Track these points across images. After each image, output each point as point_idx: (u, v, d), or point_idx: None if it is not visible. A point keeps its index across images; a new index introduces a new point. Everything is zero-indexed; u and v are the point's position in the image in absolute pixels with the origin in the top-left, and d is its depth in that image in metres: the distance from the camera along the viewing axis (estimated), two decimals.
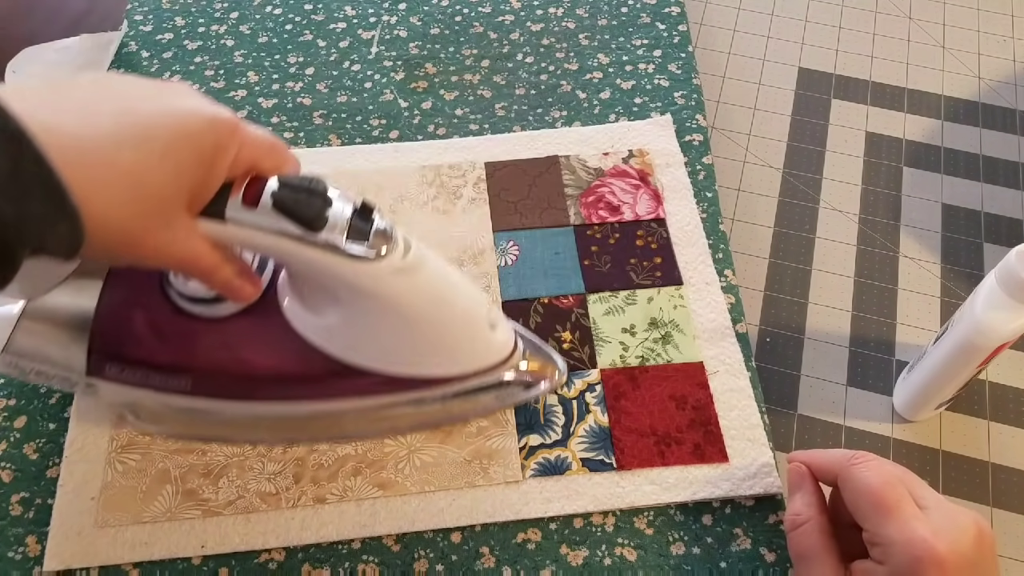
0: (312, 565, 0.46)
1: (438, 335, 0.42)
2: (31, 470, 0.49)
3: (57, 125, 0.30)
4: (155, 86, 0.36)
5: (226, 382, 0.44)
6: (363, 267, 0.38)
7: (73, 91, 0.33)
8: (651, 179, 0.60)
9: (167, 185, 0.34)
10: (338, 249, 0.38)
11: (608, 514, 0.47)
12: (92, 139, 0.31)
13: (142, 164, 0.32)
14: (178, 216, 0.35)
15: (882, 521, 0.37)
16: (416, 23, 0.71)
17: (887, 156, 0.66)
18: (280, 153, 0.39)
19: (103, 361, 0.43)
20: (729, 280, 0.56)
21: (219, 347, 0.43)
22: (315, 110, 0.65)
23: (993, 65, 0.72)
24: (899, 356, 0.56)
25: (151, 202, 0.33)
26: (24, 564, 0.45)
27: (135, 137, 0.32)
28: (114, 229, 0.33)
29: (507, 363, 0.46)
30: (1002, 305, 0.44)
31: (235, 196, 0.37)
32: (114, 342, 0.43)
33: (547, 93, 0.66)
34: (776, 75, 0.71)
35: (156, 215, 0.34)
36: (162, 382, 0.44)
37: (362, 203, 0.39)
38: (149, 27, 0.71)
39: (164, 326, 0.43)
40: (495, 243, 0.57)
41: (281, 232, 0.37)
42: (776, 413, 0.54)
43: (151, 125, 0.33)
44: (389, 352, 0.43)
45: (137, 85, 0.35)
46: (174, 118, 0.34)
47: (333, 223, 0.38)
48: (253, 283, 0.41)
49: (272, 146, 0.38)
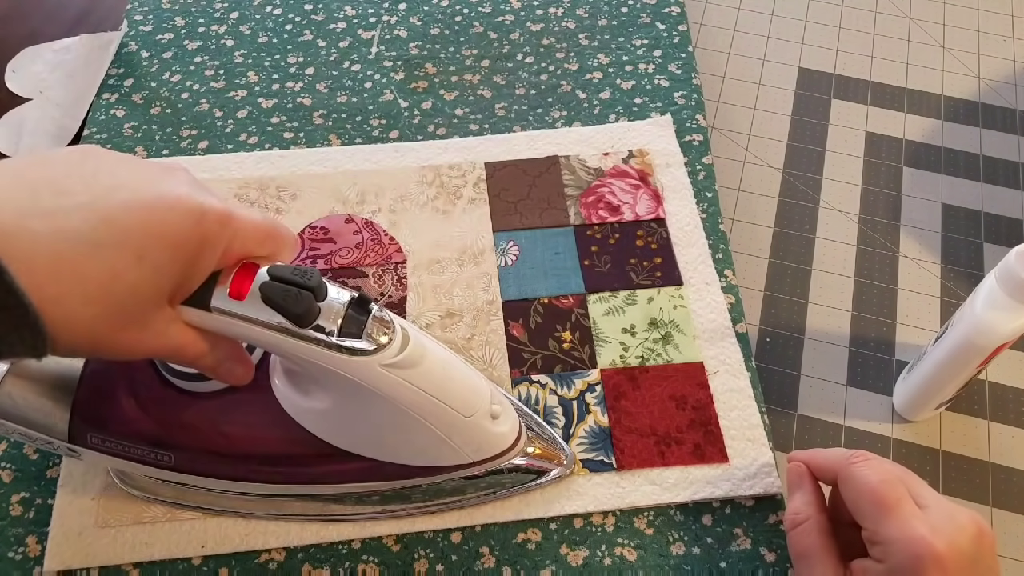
0: (312, 565, 0.46)
1: (433, 428, 0.41)
2: (31, 470, 0.49)
3: (22, 230, 0.29)
4: (139, 171, 0.33)
5: (210, 459, 0.43)
6: (357, 361, 0.37)
7: (46, 180, 0.31)
8: (651, 179, 0.60)
9: (142, 286, 0.32)
10: (330, 343, 0.36)
11: (608, 514, 0.47)
12: (59, 245, 0.29)
13: (115, 268, 0.31)
14: (155, 312, 0.33)
15: (882, 520, 0.37)
16: (416, 23, 0.71)
17: (887, 156, 0.66)
18: (277, 239, 0.37)
19: (86, 429, 0.41)
20: (729, 280, 0.56)
21: (204, 423, 0.42)
22: (315, 110, 0.65)
23: (993, 65, 0.72)
24: (899, 356, 0.56)
25: (122, 305, 0.32)
26: (24, 564, 0.45)
27: (108, 239, 0.30)
28: (81, 333, 0.31)
29: (507, 454, 0.44)
30: (1002, 305, 0.44)
31: (222, 286, 0.35)
32: (97, 411, 0.42)
33: (547, 93, 0.66)
34: (776, 75, 0.71)
35: (127, 317, 0.32)
36: (145, 454, 0.42)
37: (359, 295, 0.38)
38: (149, 27, 0.71)
39: (149, 398, 0.42)
40: (495, 243, 0.57)
41: (268, 325, 0.36)
42: (776, 413, 0.54)
43: (127, 225, 0.31)
44: (381, 441, 0.42)
45: (119, 170, 0.33)
46: (154, 214, 0.32)
47: (327, 315, 0.36)
48: (245, 366, 0.40)
49: (268, 233, 0.36)
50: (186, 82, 0.67)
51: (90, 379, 0.42)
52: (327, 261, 0.56)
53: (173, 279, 0.33)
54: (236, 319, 0.35)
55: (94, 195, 0.31)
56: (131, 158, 0.34)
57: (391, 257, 0.57)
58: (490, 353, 0.52)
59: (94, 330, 0.31)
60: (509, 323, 0.54)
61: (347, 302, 0.37)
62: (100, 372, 0.42)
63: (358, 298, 0.38)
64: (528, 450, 0.46)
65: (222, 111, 0.65)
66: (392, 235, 0.58)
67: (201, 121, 0.65)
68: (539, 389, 0.51)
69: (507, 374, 0.52)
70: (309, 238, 0.58)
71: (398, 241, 0.57)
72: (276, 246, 0.37)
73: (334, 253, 0.57)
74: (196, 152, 0.63)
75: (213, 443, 0.43)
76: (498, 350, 0.53)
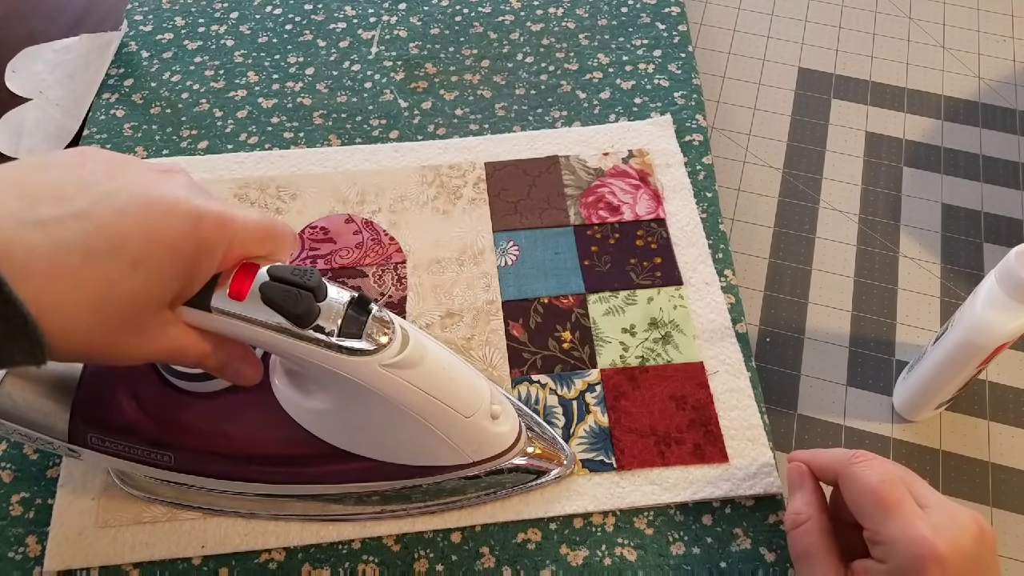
0: (312, 565, 0.46)
1: (433, 428, 0.41)
2: (31, 470, 0.49)
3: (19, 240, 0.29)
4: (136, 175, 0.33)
5: (210, 459, 0.43)
6: (356, 361, 0.37)
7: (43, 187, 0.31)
8: (651, 179, 0.60)
9: (138, 293, 0.32)
10: (330, 343, 0.36)
11: (608, 514, 0.47)
12: (56, 254, 0.29)
13: (111, 275, 0.31)
14: (154, 317, 0.33)
15: (883, 520, 0.37)
16: (416, 23, 0.71)
17: (887, 156, 0.66)
18: (276, 239, 0.37)
19: (85, 430, 0.41)
20: (729, 280, 0.56)
21: (204, 423, 0.42)
22: (315, 110, 0.65)
23: (993, 65, 0.72)
24: (899, 356, 0.56)
25: (119, 312, 0.32)
26: (24, 564, 0.45)
27: (103, 246, 0.30)
28: (79, 340, 0.31)
29: (507, 455, 0.44)
30: (1002, 305, 0.44)
31: (222, 287, 0.35)
32: (97, 411, 0.42)
33: (547, 93, 0.66)
34: (776, 75, 0.71)
35: (125, 324, 0.32)
36: (145, 454, 0.42)
37: (359, 295, 0.38)
38: (149, 27, 0.71)
39: (149, 398, 0.42)
40: (495, 243, 0.57)
41: (268, 325, 0.36)
42: (776, 413, 0.54)
43: (122, 231, 0.31)
44: (381, 442, 0.42)
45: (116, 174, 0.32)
46: (150, 220, 0.32)
47: (327, 315, 0.36)
48: (253, 367, 0.39)
49: (267, 233, 0.36)
50: (186, 82, 0.67)
51: (90, 379, 0.42)
52: (327, 261, 0.56)
53: (172, 285, 0.33)
54: (236, 319, 0.35)
55: (89, 202, 0.31)
56: (129, 160, 0.34)
57: (391, 257, 0.57)
58: (490, 353, 0.52)
59: (92, 338, 0.31)
60: (509, 323, 0.54)
61: (347, 302, 0.37)
62: (100, 372, 0.42)
63: (358, 298, 0.38)
64: (528, 450, 0.46)
65: (222, 111, 0.65)
66: (392, 235, 0.58)
67: (201, 121, 0.65)
68: (539, 389, 0.51)
69: (507, 374, 0.52)
70: (309, 238, 0.58)
71: (398, 241, 0.57)
72: (275, 245, 0.37)
73: (334, 253, 0.57)
74: (196, 152, 0.63)
75: (213, 443, 0.43)
76: (498, 350, 0.53)
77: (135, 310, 0.32)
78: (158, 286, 0.33)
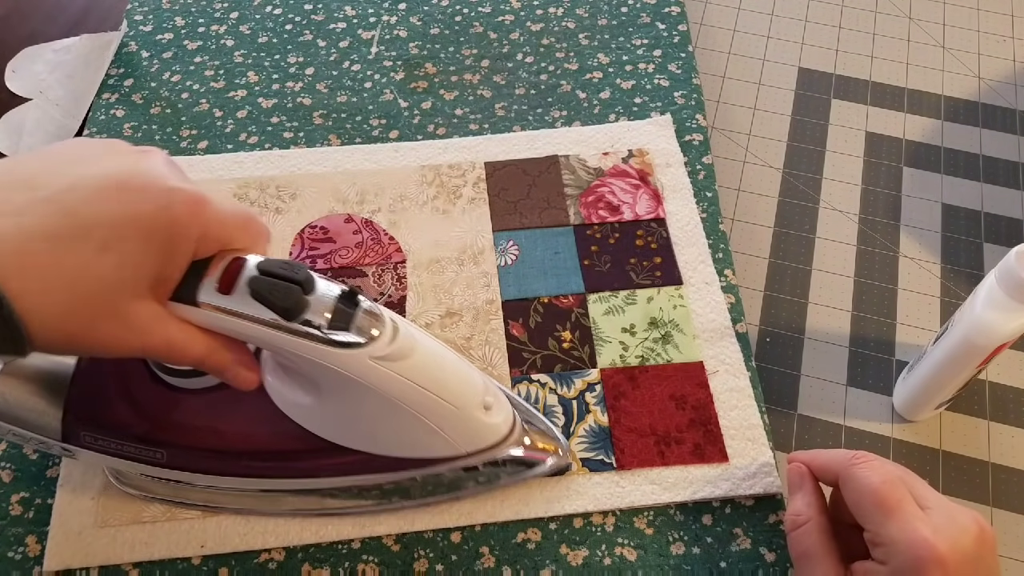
0: (312, 565, 0.46)
1: (425, 420, 0.41)
2: (31, 470, 0.49)
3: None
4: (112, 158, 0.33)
5: (202, 455, 0.43)
6: (346, 354, 0.37)
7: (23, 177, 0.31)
8: (651, 179, 0.60)
9: (109, 276, 0.32)
10: (319, 336, 0.36)
11: (608, 514, 0.47)
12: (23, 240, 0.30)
13: (79, 260, 0.31)
14: (132, 305, 0.33)
15: (884, 521, 0.37)
16: (416, 23, 0.71)
17: (887, 156, 0.66)
18: (252, 231, 0.37)
19: (79, 428, 0.41)
20: (729, 280, 0.56)
21: (195, 419, 0.42)
22: (315, 110, 0.65)
23: (993, 65, 0.72)
24: (899, 356, 0.56)
25: (93, 297, 0.32)
26: (24, 564, 0.45)
27: (68, 232, 0.31)
28: (53, 327, 0.31)
29: (501, 445, 0.44)
30: (1002, 305, 0.44)
31: (210, 281, 0.35)
32: (89, 409, 0.42)
33: (547, 93, 0.66)
34: (776, 75, 0.71)
35: (99, 309, 0.32)
36: (137, 452, 0.42)
37: (348, 289, 0.38)
38: (149, 27, 0.71)
39: (140, 395, 0.42)
40: (495, 243, 0.57)
41: (256, 319, 0.36)
42: (776, 413, 0.54)
43: (89, 215, 0.31)
44: (374, 434, 0.42)
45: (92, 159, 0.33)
46: (120, 202, 0.32)
47: (316, 309, 0.37)
48: (252, 370, 0.39)
49: (245, 222, 0.37)
50: (186, 82, 0.67)
51: (82, 377, 0.42)
52: (327, 261, 0.56)
53: (146, 268, 0.33)
54: (224, 314, 0.36)
55: (59, 188, 0.31)
56: (110, 145, 0.34)
57: (391, 257, 0.57)
58: (490, 352, 0.52)
59: (69, 324, 0.32)
60: (509, 323, 0.54)
61: (336, 296, 0.38)
62: (92, 370, 0.42)
63: (347, 292, 0.38)
64: (523, 441, 0.46)
65: (222, 111, 0.65)
66: (392, 235, 0.58)
67: (201, 121, 0.65)
68: (539, 388, 0.51)
69: (507, 373, 0.52)
70: (309, 238, 0.58)
71: (398, 241, 0.57)
72: (252, 237, 0.37)
73: (334, 253, 0.57)
74: (196, 152, 0.63)
75: (204, 439, 0.43)
76: (498, 349, 0.53)
77: (109, 295, 0.32)
78: (131, 269, 0.33)
